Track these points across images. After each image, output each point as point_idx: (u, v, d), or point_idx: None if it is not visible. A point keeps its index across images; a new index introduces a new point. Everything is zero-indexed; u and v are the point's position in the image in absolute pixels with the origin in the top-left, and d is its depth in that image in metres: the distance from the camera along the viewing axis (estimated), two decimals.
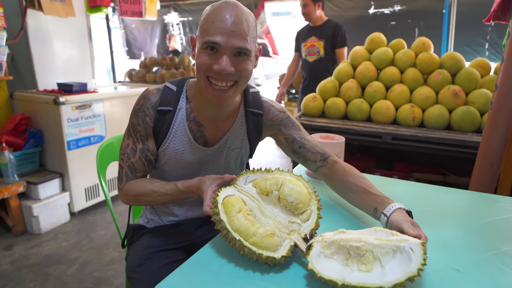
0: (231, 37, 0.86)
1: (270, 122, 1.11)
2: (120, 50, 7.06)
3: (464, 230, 0.97)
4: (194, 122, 1.03)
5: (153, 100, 1.01)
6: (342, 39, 3.07)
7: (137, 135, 1.02)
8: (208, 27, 0.87)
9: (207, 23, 0.88)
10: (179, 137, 1.03)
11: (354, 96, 2.27)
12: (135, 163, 1.03)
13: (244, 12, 0.89)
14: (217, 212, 0.80)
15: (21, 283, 1.99)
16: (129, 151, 1.03)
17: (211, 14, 0.88)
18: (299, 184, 0.85)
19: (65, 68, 3.28)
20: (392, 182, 1.34)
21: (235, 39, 0.86)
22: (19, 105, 2.82)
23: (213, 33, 0.86)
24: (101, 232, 2.57)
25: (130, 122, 1.03)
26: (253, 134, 1.10)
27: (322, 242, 0.75)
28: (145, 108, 1.01)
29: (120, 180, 1.06)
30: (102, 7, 3.22)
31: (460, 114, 1.96)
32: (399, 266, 0.67)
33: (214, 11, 0.88)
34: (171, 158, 1.04)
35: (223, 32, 0.85)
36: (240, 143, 1.10)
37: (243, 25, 0.87)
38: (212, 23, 0.86)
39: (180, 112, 1.03)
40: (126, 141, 1.04)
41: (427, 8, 4.74)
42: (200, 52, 0.90)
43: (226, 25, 0.85)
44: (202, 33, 0.89)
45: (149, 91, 1.03)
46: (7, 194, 2.39)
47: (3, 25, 2.47)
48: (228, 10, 0.86)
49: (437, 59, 2.17)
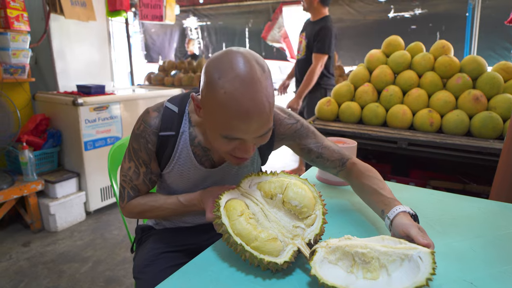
0: (255, 130, 0.76)
1: (282, 135, 1.04)
2: (139, 54, 7.22)
3: (481, 241, 0.92)
4: (199, 147, 0.97)
5: (154, 125, 0.95)
6: (320, 44, 2.71)
7: (140, 160, 0.98)
8: (226, 122, 0.74)
9: (223, 115, 0.74)
10: (183, 160, 0.98)
11: (370, 100, 2.22)
12: (139, 185, 1.01)
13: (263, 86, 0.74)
14: (219, 215, 0.78)
15: (36, 279, 2.03)
16: (131, 174, 0.99)
17: (227, 106, 0.72)
18: (304, 187, 0.83)
19: (85, 70, 3.37)
20: (407, 189, 1.29)
21: (259, 131, 0.77)
22: (40, 106, 2.92)
23: (234, 130, 0.75)
24: (115, 232, 2.61)
25: (131, 146, 0.98)
26: (264, 148, 1.05)
27: (326, 247, 0.72)
28: (146, 135, 0.95)
29: (122, 199, 1.03)
30: (122, 11, 3.29)
31: (481, 120, 1.88)
32: (406, 275, 0.64)
33: (230, 101, 0.71)
34: (177, 179, 1.02)
35: (247, 130, 0.75)
36: (251, 160, 1.05)
37: (266, 111, 0.74)
38: (231, 121, 0.73)
39: (183, 136, 0.96)
40: (127, 164, 1.00)
41: (449, 12, 4.62)
42: (217, 136, 0.79)
43: (249, 125, 0.74)
44: (217, 121, 0.76)
45: (149, 113, 0.96)
46: (26, 192, 2.46)
47: (27, 28, 2.57)
48: (247, 102, 0.71)
49: (457, 63, 2.09)
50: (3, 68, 2.49)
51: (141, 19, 4.08)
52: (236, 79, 0.71)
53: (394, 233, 0.81)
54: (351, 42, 5.44)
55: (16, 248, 2.36)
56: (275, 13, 6.04)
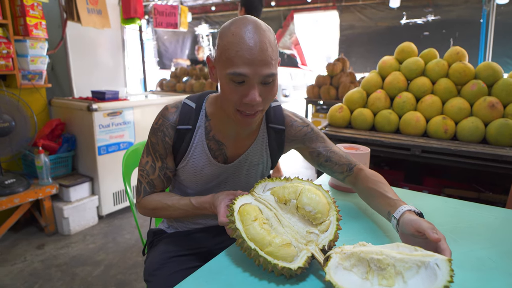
0: (258, 66, 0.82)
1: (293, 137, 1.08)
2: (152, 61, 7.33)
3: (499, 251, 0.90)
4: (213, 141, 1.02)
5: (172, 120, 1.00)
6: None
7: (156, 154, 1.02)
8: (233, 57, 0.81)
9: (230, 51, 0.82)
10: (198, 155, 1.02)
11: (382, 107, 2.21)
12: (154, 180, 1.04)
13: (266, 33, 0.84)
14: (233, 220, 0.79)
15: (50, 281, 2.06)
16: (148, 168, 1.04)
17: (234, 42, 0.81)
18: (318, 193, 0.82)
19: (99, 77, 3.44)
20: (421, 196, 1.27)
21: (262, 68, 0.82)
22: (56, 111, 2.98)
23: (239, 64, 0.81)
24: (127, 236, 2.63)
25: (149, 140, 1.03)
26: (275, 149, 1.08)
27: (341, 253, 0.72)
28: (164, 128, 1.00)
29: (138, 194, 1.07)
30: (136, 18, 3.36)
31: (497, 127, 1.85)
32: (423, 283, 0.63)
33: (237, 37, 0.81)
34: (190, 175, 1.05)
35: (250, 62, 0.81)
36: (261, 159, 1.08)
37: (268, 51, 0.82)
38: (237, 52, 0.81)
39: (199, 131, 1.01)
40: (145, 158, 1.04)
41: (463, 18, 4.57)
42: (225, 82, 0.86)
43: (252, 55, 0.80)
44: (225, 61, 0.83)
45: (168, 109, 1.01)
46: (41, 195, 2.51)
47: (45, 36, 2.64)
48: (251, 36, 0.81)
49: (472, 69, 2.07)
50: (21, 74, 2.56)
51: (155, 27, 4.15)
52: (244, 25, 0.83)
53: (402, 231, 0.81)
54: (362, 49, 5.42)
55: (31, 250, 2.40)
56: (286, 20, 6.08)
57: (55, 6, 3.03)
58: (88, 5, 2.97)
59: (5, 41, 2.38)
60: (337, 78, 4.34)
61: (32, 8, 2.53)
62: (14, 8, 2.52)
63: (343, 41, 5.48)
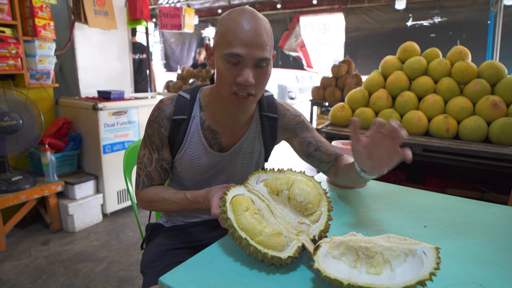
0: (252, 48, 0.86)
1: (285, 126, 1.12)
2: (158, 63, 7.40)
3: (494, 246, 0.89)
4: (208, 130, 1.05)
5: (168, 111, 1.03)
6: None
7: (153, 145, 1.05)
8: (229, 39, 0.87)
9: (227, 34, 0.88)
10: (194, 144, 1.05)
11: (384, 106, 2.20)
12: (152, 172, 1.06)
13: (262, 21, 0.90)
14: (225, 210, 0.80)
15: (53, 276, 2.09)
16: (145, 160, 1.06)
17: (232, 26, 0.88)
18: (310, 184, 0.83)
19: (105, 77, 3.49)
20: (420, 193, 1.27)
21: (256, 51, 0.87)
22: (62, 110, 3.03)
23: (235, 45, 0.86)
24: (130, 234, 2.66)
25: (146, 133, 1.06)
26: (268, 138, 1.11)
27: (330, 243, 0.72)
28: (160, 120, 1.03)
29: (137, 186, 1.10)
30: (142, 20, 3.41)
31: (499, 126, 1.83)
32: (410, 270, 0.63)
33: (234, 22, 0.88)
34: (187, 166, 1.07)
35: (245, 44, 0.86)
36: (255, 147, 1.11)
37: (263, 36, 0.88)
38: (233, 35, 0.87)
39: (195, 120, 1.04)
40: (142, 151, 1.07)
41: (470, 20, 4.53)
42: (221, 64, 0.90)
43: (247, 37, 0.86)
44: (222, 43, 0.89)
45: (163, 102, 1.05)
46: (47, 192, 2.55)
47: (53, 36, 2.69)
48: (248, 22, 0.87)
49: (474, 68, 2.06)
50: (30, 73, 2.62)
51: (161, 28, 4.21)
52: (242, 12, 0.89)
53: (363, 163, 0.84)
54: (368, 51, 5.41)
55: (36, 246, 2.44)
56: (292, 22, 6.10)
57: (63, 8, 3.09)
58: (95, 6, 3.02)
59: (14, 41, 2.44)
60: (342, 80, 4.34)
61: (41, 10, 2.59)
62: (23, 9, 2.58)
63: (348, 43, 5.47)
